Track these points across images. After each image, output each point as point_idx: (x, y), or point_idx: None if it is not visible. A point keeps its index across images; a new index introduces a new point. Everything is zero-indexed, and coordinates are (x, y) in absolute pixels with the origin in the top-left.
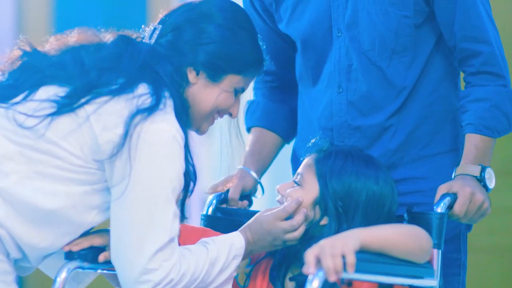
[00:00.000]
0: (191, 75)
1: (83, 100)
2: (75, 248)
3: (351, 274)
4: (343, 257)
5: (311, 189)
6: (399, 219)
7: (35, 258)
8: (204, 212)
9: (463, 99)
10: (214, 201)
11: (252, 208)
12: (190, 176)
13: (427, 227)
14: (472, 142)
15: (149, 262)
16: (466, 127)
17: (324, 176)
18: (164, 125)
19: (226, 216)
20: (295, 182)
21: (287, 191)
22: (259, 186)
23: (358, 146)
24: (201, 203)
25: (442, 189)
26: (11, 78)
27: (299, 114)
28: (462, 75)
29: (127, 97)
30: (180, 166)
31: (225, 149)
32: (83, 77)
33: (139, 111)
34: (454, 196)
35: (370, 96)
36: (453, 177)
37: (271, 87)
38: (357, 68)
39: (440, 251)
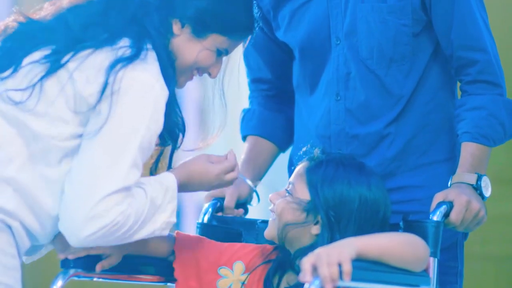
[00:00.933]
0: (176, 27)
1: (68, 56)
2: (71, 256)
3: (347, 282)
4: (340, 265)
5: (302, 198)
6: (395, 227)
7: (48, 233)
8: (200, 221)
9: (460, 108)
10: (210, 209)
11: (248, 216)
12: (178, 128)
13: (423, 235)
14: (469, 150)
15: (100, 202)
16: (463, 136)
17: (315, 185)
18: (144, 74)
19: (221, 225)
20: (287, 191)
21: (277, 201)
22: (254, 194)
23: (350, 153)
24: (197, 211)
25: (438, 197)
26: (3, 47)
27: (296, 122)
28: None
29: (107, 49)
30: (154, 117)
31: (207, 108)
32: (67, 34)
33: (119, 60)
34: (450, 204)
35: (368, 105)
36: (449, 185)
37: (267, 95)
38: (355, 76)
39: (436, 259)
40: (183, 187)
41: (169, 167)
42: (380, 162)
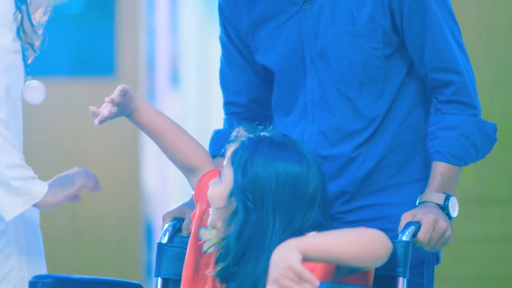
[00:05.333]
0: None
1: None
2: None
3: None
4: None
5: (228, 182)
6: None
7: None
8: (160, 241)
9: (433, 126)
10: (170, 229)
11: None
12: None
13: (392, 255)
14: (439, 170)
15: None
16: (434, 155)
17: (236, 167)
18: None
19: (182, 245)
20: (219, 177)
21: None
22: None
23: (279, 132)
24: None
25: (406, 217)
26: None
27: None
28: None
29: None
30: None
31: None
32: None
33: None
34: (419, 224)
35: (340, 127)
36: (417, 203)
37: (240, 118)
38: (328, 99)
39: (405, 279)
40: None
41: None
42: (350, 182)
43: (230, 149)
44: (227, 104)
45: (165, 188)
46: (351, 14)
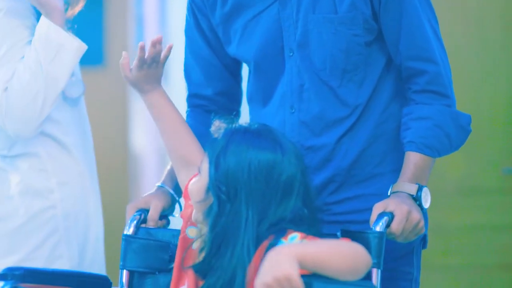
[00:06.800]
0: None
1: None
2: None
3: None
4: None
5: (205, 176)
6: (332, 238)
7: None
8: (125, 232)
9: (406, 116)
10: (135, 221)
11: (170, 227)
12: None
13: (366, 246)
14: (412, 160)
15: None
16: (407, 145)
17: (210, 160)
18: None
19: (148, 237)
20: (198, 172)
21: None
22: (177, 205)
23: (257, 121)
24: None
25: (378, 207)
26: None
27: None
28: None
29: None
30: None
31: None
32: None
33: None
34: (392, 215)
35: (322, 116)
36: (389, 193)
37: (204, 111)
38: (309, 88)
39: (379, 270)
40: None
41: None
42: (336, 172)
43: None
44: (191, 97)
45: (153, 151)
46: (332, 2)
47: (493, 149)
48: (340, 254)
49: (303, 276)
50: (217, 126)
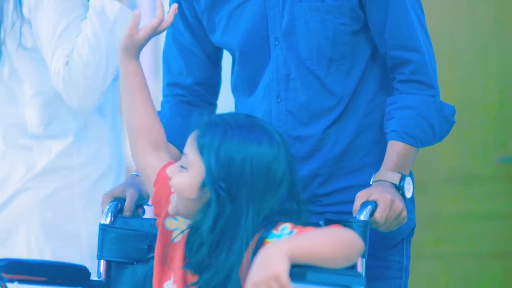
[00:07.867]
0: None
1: None
2: None
3: None
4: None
5: (198, 171)
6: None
7: None
8: (102, 222)
9: (390, 106)
10: (112, 210)
11: (145, 216)
12: None
13: None
14: (395, 149)
15: None
16: (390, 134)
17: (208, 154)
18: None
19: (125, 226)
20: (181, 166)
21: (172, 179)
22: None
23: (243, 112)
24: None
25: (361, 196)
26: None
27: None
28: None
29: None
30: None
31: None
32: None
33: None
34: (375, 204)
35: (309, 106)
36: (371, 182)
37: (180, 101)
38: (296, 77)
39: (364, 259)
40: None
41: None
42: (324, 163)
43: (193, 136)
44: (170, 86)
45: None
46: None
47: (486, 137)
48: (334, 244)
49: (296, 266)
50: (207, 120)
